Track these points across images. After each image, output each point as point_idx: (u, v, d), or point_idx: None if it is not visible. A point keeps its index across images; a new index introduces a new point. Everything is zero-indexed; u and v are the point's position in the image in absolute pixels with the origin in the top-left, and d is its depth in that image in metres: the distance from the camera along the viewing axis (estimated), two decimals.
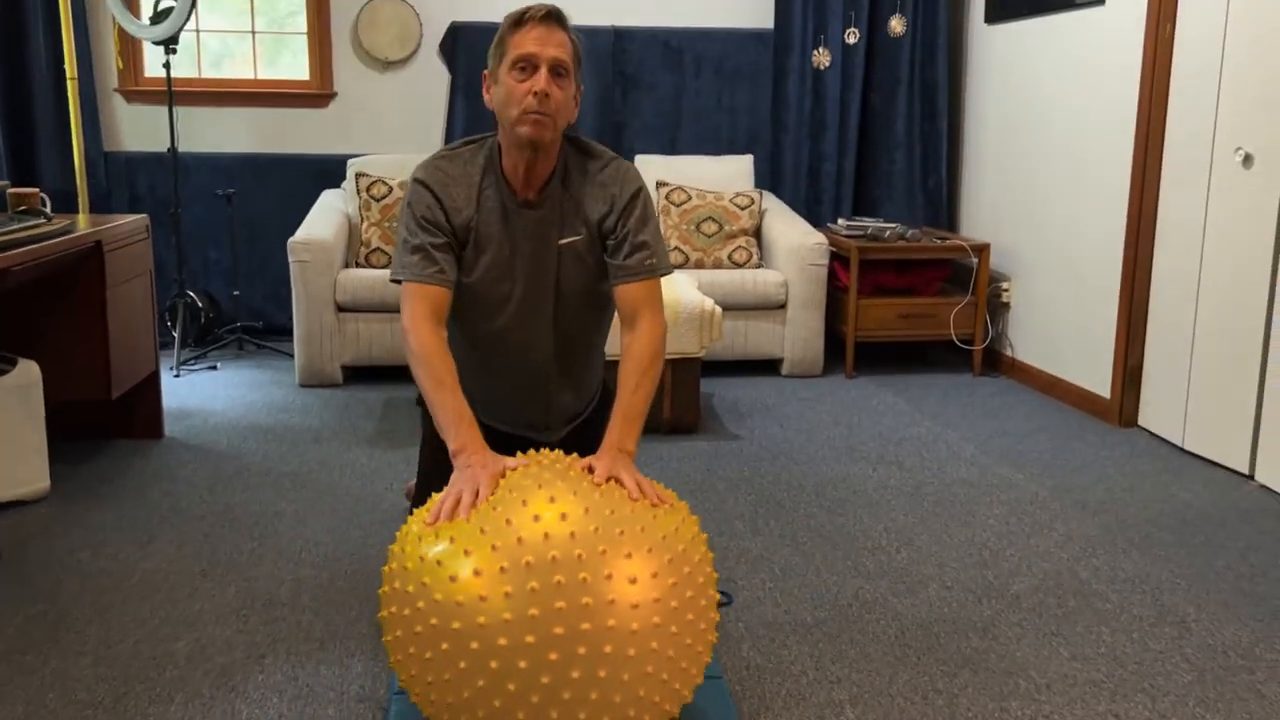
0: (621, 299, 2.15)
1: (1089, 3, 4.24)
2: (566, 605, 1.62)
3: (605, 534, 1.69)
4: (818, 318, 4.79)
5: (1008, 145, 4.94)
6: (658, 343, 2.11)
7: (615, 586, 1.64)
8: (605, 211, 2.17)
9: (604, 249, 2.19)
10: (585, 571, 1.63)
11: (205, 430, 3.94)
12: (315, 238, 4.49)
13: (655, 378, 2.08)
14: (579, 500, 1.73)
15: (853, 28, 5.32)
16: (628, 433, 2.00)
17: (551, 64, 2.02)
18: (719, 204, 5.01)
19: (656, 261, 2.17)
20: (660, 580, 1.68)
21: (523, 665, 1.61)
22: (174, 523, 3.06)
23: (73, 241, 3.14)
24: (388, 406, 4.28)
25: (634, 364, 2.07)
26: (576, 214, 2.18)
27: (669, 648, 1.69)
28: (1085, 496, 3.36)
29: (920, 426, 4.09)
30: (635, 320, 2.12)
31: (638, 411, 2.04)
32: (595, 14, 5.41)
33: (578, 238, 2.18)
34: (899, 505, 3.26)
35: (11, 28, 5.06)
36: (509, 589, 1.63)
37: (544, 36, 2.01)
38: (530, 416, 2.37)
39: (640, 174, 2.23)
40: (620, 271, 2.16)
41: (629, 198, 2.17)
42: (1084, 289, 4.34)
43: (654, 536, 1.72)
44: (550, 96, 2.01)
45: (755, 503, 3.26)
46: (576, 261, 2.20)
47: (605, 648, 1.63)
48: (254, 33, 5.42)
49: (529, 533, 1.67)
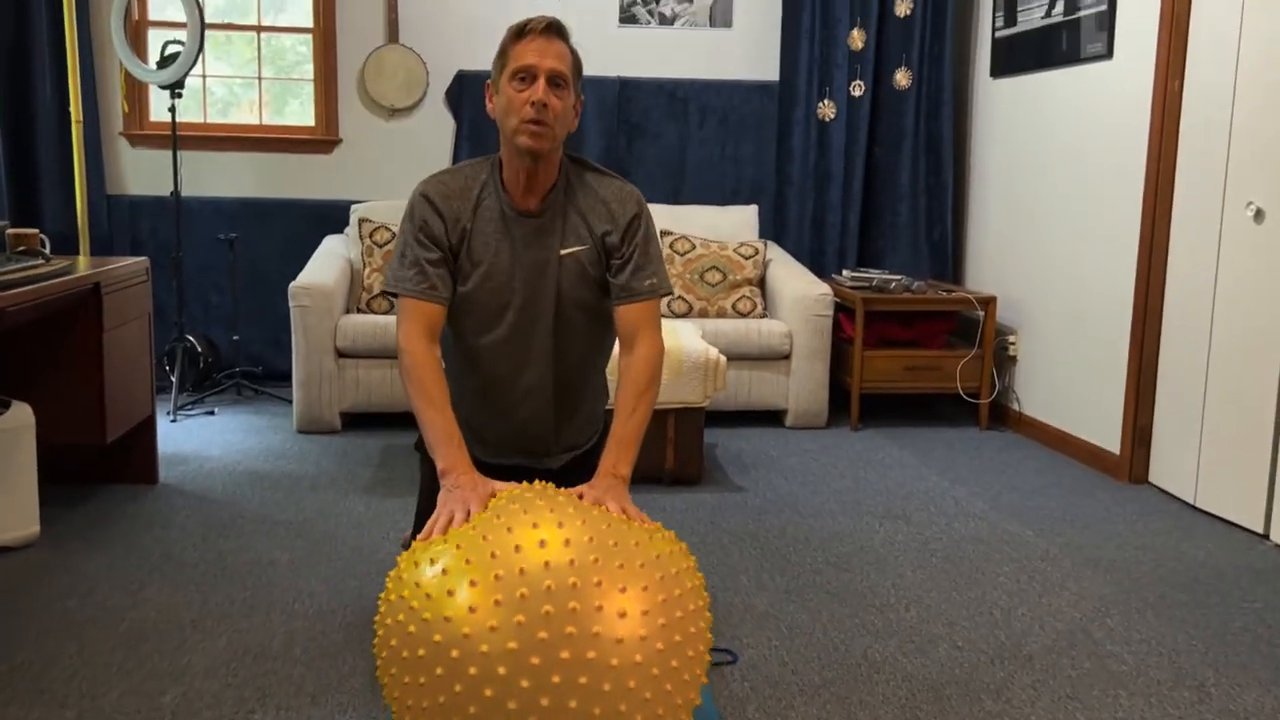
0: (622, 319, 2.17)
1: (1096, 57, 4.24)
2: (550, 635, 1.58)
3: (599, 565, 1.66)
4: (822, 369, 4.74)
5: (1013, 199, 4.92)
6: (655, 365, 2.14)
7: (606, 619, 1.61)
8: (608, 229, 2.19)
9: (606, 267, 2.20)
10: (577, 602, 1.61)
11: (200, 476, 3.88)
12: (316, 283, 4.46)
13: (652, 401, 2.12)
14: (567, 530, 1.70)
15: (858, 80, 5.33)
16: (622, 457, 2.03)
17: (550, 75, 2.05)
18: (723, 253, 4.98)
19: (657, 282, 2.19)
20: (651, 617, 1.65)
21: (522, 684, 1.58)
22: (165, 570, 2.99)
23: (70, 283, 3.10)
24: (386, 454, 4.22)
25: (631, 387, 2.10)
26: (580, 225, 2.19)
27: (664, 681, 1.65)
28: (1097, 554, 3.29)
29: (927, 481, 4.03)
30: (634, 341, 2.14)
31: (633, 436, 2.06)
32: (602, 64, 5.43)
33: (581, 248, 2.19)
34: (907, 561, 3.19)
35: (18, 70, 5.07)
36: (505, 619, 1.59)
37: (543, 48, 2.06)
38: (528, 441, 2.31)
39: (642, 195, 2.27)
40: (622, 292, 2.18)
41: (632, 217, 2.19)
42: (1092, 343, 4.30)
43: (648, 571, 1.69)
44: (548, 106, 2.05)
45: (760, 557, 3.19)
46: (579, 273, 2.19)
47: (604, 685, 1.59)
48: (260, 79, 5.43)
49: (526, 562, 1.64)
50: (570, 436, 2.35)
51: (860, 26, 5.29)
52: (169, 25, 5.27)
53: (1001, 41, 4.98)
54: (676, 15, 5.50)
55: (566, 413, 2.30)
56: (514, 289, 2.18)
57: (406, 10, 5.36)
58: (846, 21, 5.30)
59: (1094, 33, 4.25)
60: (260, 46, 5.39)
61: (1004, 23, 4.95)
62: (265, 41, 5.41)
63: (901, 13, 5.29)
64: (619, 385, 2.13)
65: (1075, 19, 4.37)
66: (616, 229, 2.18)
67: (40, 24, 5.02)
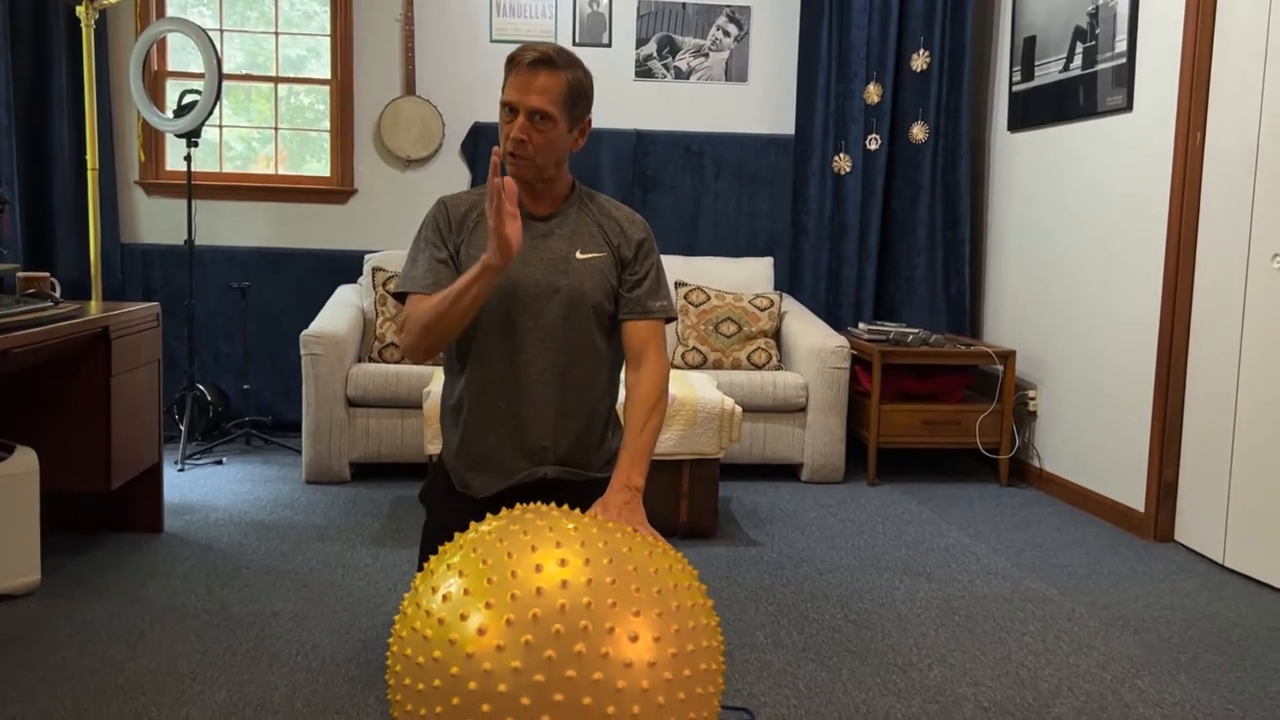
0: (631, 334, 2.23)
1: (1115, 110, 4.21)
2: (558, 654, 1.57)
3: (615, 587, 1.65)
4: (839, 422, 4.67)
5: (1032, 252, 4.88)
6: (663, 381, 2.19)
7: (617, 641, 1.60)
8: (621, 243, 2.26)
9: (619, 281, 2.26)
10: (589, 621, 1.60)
11: (206, 526, 3.81)
12: (328, 331, 4.42)
13: (662, 415, 2.16)
14: (589, 549, 1.70)
15: (874, 134, 5.32)
16: (636, 468, 2.06)
17: (529, 112, 2.11)
18: (738, 305, 4.94)
19: (668, 305, 2.27)
20: (663, 645, 1.63)
21: (522, 702, 1.57)
22: (166, 621, 2.91)
23: (78, 326, 3.06)
24: (395, 505, 4.14)
25: (641, 402, 2.14)
26: (597, 234, 2.26)
27: (669, 713, 1.62)
28: (1124, 613, 3.19)
29: (948, 537, 3.93)
30: (642, 358, 2.20)
31: (645, 448, 2.10)
32: (618, 117, 5.44)
33: (599, 254, 2.23)
34: (929, 619, 3.09)
35: (36, 116, 5.10)
36: (512, 639, 1.59)
37: (525, 84, 2.10)
38: (527, 443, 2.23)
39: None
40: (636, 306, 2.23)
41: (643, 239, 2.28)
42: (1114, 399, 4.22)
43: (665, 599, 1.68)
44: (527, 142, 2.11)
45: (777, 613, 3.10)
46: (600, 277, 2.23)
47: (608, 708, 1.57)
48: (276, 129, 5.45)
49: (545, 581, 1.64)
50: (569, 440, 2.26)
51: (876, 81, 5.29)
52: (187, 76, 5.30)
53: (1019, 95, 4.97)
54: (693, 69, 5.51)
55: (568, 413, 2.24)
56: (518, 283, 2.19)
57: (423, 62, 5.38)
58: (863, 76, 5.30)
59: (1113, 86, 4.23)
60: (277, 98, 5.42)
61: (1021, 77, 4.94)
62: (286, 99, 5.43)
63: (918, 67, 5.30)
64: (628, 400, 2.16)
65: (1094, 72, 4.35)
66: (629, 245, 2.26)
67: (60, 71, 5.06)
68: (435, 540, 2.29)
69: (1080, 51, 4.45)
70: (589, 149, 5.38)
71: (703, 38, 5.51)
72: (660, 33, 5.48)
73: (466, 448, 2.24)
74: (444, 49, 5.40)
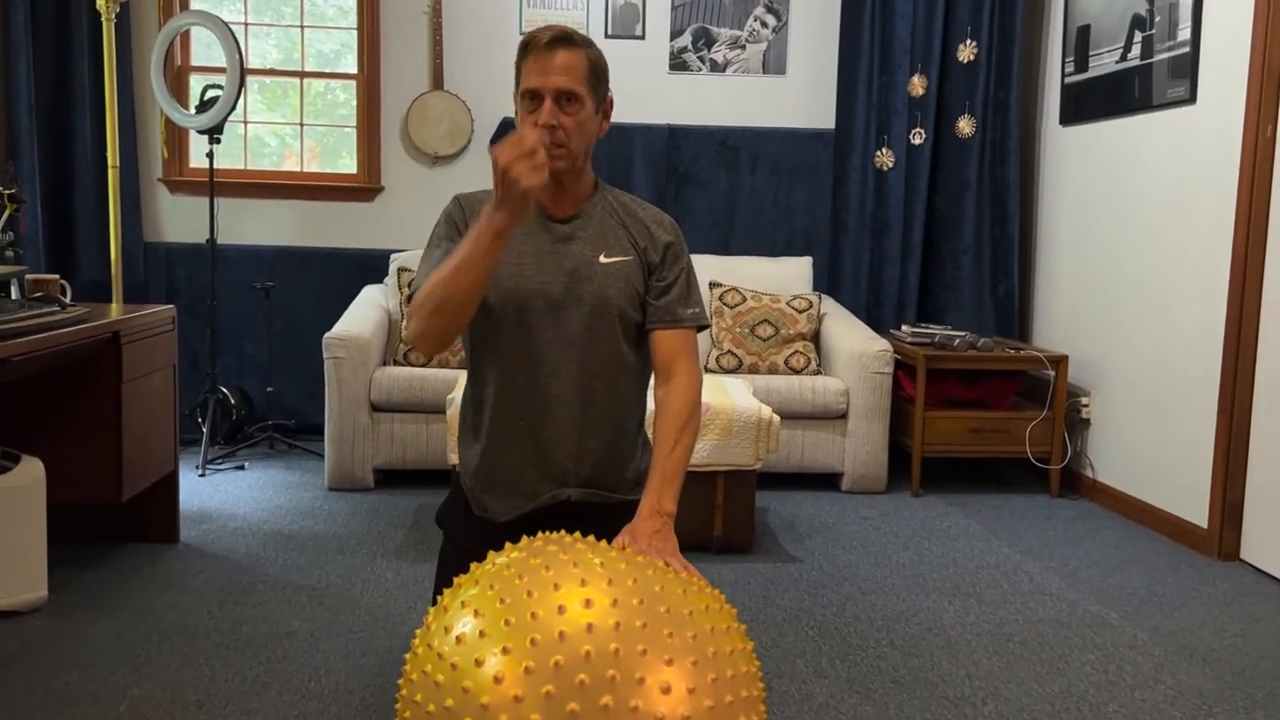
0: (661, 344, 2.06)
1: (1177, 102, 3.98)
2: (582, 708, 1.42)
3: (646, 631, 1.49)
4: (881, 430, 4.47)
5: (1086, 252, 4.65)
6: (695, 396, 2.01)
7: (647, 694, 1.44)
8: (648, 246, 2.08)
9: (645, 287, 2.08)
10: (616, 671, 1.44)
11: (224, 536, 3.68)
12: (352, 334, 4.28)
13: (694, 433, 1.99)
14: (617, 589, 1.53)
15: (918, 128, 5.10)
16: (667, 492, 1.90)
17: (555, 94, 1.95)
18: (775, 306, 4.75)
19: (700, 312, 2.10)
20: (698, 697, 1.47)
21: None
22: (175, 641, 2.77)
23: (87, 331, 2.93)
24: (419, 513, 4.00)
25: (672, 419, 1.97)
26: (622, 237, 2.08)
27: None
28: (1191, 641, 2.98)
29: (998, 554, 3.73)
30: (673, 369, 2.03)
31: (677, 469, 1.94)
32: (651, 111, 5.26)
33: (625, 259, 2.05)
34: (980, 646, 2.89)
35: (58, 113, 4.99)
36: (532, 689, 1.43)
37: (546, 66, 1.95)
38: (549, 462, 2.06)
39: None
40: (665, 314, 2.06)
41: (671, 242, 2.10)
42: (1175, 407, 3.99)
43: (701, 645, 1.51)
44: (559, 126, 1.95)
45: (818, 638, 2.92)
46: (625, 283, 2.04)
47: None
48: (301, 124, 5.32)
49: (568, 625, 1.48)
50: (594, 459, 2.08)
51: (921, 73, 5.08)
52: (211, 70, 5.18)
53: (1072, 87, 4.74)
54: (729, 62, 5.32)
55: (592, 430, 2.05)
56: (537, 291, 2.01)
57: (451, 57, 5.23)
58: (906, 68, 5.09)
59: (1175, 76, 4.00)
60: (303, 94, 5.29)
61: (1075, 68, 4.71)
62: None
63: (965, 58, 5.08)
64: (657, 417, 1.98)
65: (1153, 62, 4.12)
66: (656, 249, 2.08)
67: (81, 67, 4.95)
68: (452, 568, 2.12)
69: (1139, 40, 4.22)
70: (621, 144, 5.21)
71: (740, 29, 5.32)
72: (695, 24, 5.30)
73: (484, 468, 2.08)
74: (473, 42, 5.24)
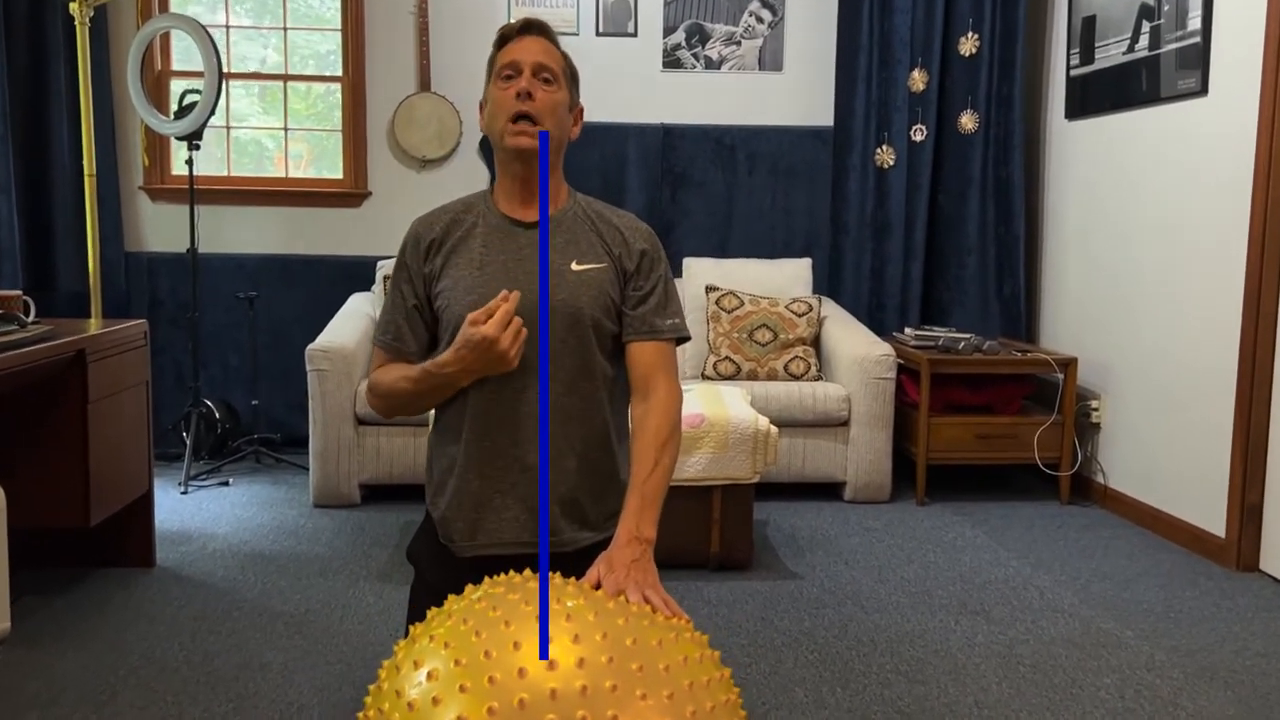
0: (637, 358, 1.91)
1: (1188, 94, 3.83)
2: None
3: (613, 666, 1.35)
4: (884, 437, 4.32)
5: (1094, 250, 4.50)
6: (676, 413, 1.87)
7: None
8: (623, 253, 1.95)
9: (622, 297, 1.94)
10: (586, 711, 1.30)
11: (202, 559, 3.55)
12: (335, 345, 4.15)
13: (675, 452, 1.85)
14: (582, 641, 1.38)
15: (919, 124, 4.96)
16: (646, 517, 1.75)
17: (534, 66, 1.87)
18: (774, 310, 4.60)
19: (679, 323, 1.95)
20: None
21: None
22: (143, 675, 2.64)
23: (48, 351, 2.80)
24: (405, 531, 3.86)
25: (651, 438, 1.82)
26: (596, 243, 1.94)
27: None
28: (1212, 661, 2.83)
29: (1006, 567, 3.58)
30: (651, 385, 1.89)
31: (656, 492, 1.79)
32: (645, 110, 5.12)
33: (599, 265, 1.91)
34: (990, 671, 2.75)
35: (34, 121, 4.86)
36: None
37: (526, 45, 1.90)
38: (526, 481, 1.90)
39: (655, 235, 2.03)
40: (642, 326, 1.91)
41: (645, 249, 1.96)
42: (1189, 410, 3.84)
43: (674, 677, 1.38)
44: (534, 97, 1.85)
45: (819, 664, 2.77)
46: (598, 292, 1.90)
47: None
48: (286, 129, 5.19)
49: (528, 662, 1.35)
50: (572, 481, 1.92)
51: (922, 67, 4.93)
52: (193, 75, 5.04)
53: (1077, 80, 4.59)
54: (724, 59, 5.18)
55: (568, 447, 1.89)
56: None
57: (439, 57, 5.09)
58: (906, 62, 4.94)
59: (1185, 67, 3.85)
60: (286, 96, 5.15)
61: (1080, 60, 4.56)
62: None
63: (967, 51, 4.93)
64: (635, 436, 1.84)
65: (1162, 54, 3.97)
66: (631, 256, 1.94)
67: (58, 71, 4.82)
68: (423, 602, 1.99)
69: (1147, 31, 4.07)
70: (614, 144, 5.06)
71: (734, 24, 5.17)
72: (689, 20, 5.15)
73: (454, 497, 1.94)
74: (460, 42, 5.10)
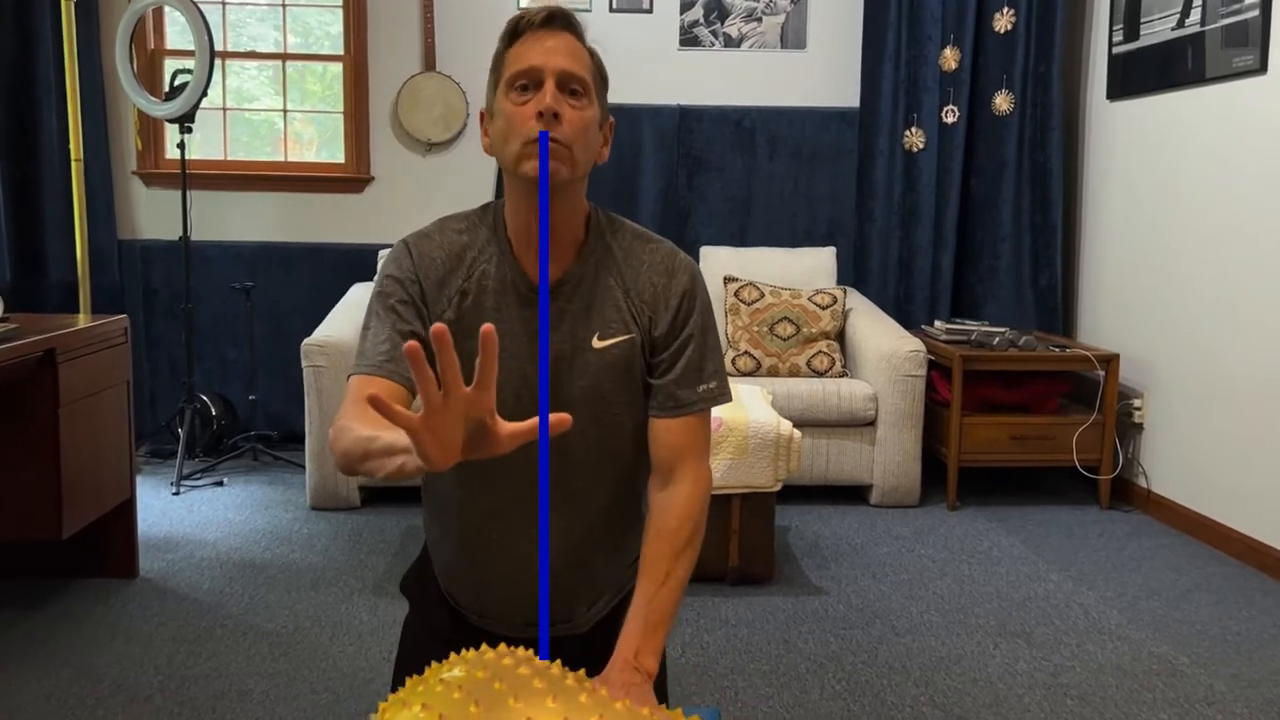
0: (660, 438, 1.51)
1: (1244, 72, 3.56)
2: None
3: None
4: (913, 438, 4.08)
5: (1137, 239, 4.23)
6: (700, 509, 1.49)
7: None
8: (655, 311, 1.51)
9: (647, 367, 1.53)
10: None
11: (188, 568, 3.34)
12: (333, 339, 3.93)
13: (694, 556, 1.47)
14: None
15: (951, 105, 4.69)
16: (647, 645, 1.40)
17: (559, 76, 1.40)
18: (796, 302, 4.36)
19: (716, 387, 1.52)
20: None
21: None
22: (110, 706, 2.43)
23: (12, 351, 2.58)
24: (406, 538, 3.65)
25: (666, 543, 1.45)
26: (621, 305, 1.51)
27: None
28: (1277, 694, 2.59)
29: (1046, 581, 3.34)
30: (674, 471, 1.49)
31: (663, 614, 1.43)
32: (660, 91, 4.87)
33: (625, 337, 1.50)
34: (1034, 701, 2.51)
35: (20, 103, 4.65)
36: None
37: (548, 45, 1.41)
38: (531, 593, 1.58)
39: (697, 268, 1.57)
40: (667, 401, 1.50)
41: (684, 292, 1.52)
42: (1239, 411, 3.59)
43: None
44: (561, 117, 1.39)
45: (847, 694, 2.54)
46: (623, 372, 1.50)
47: None
48: (285, 111, 4.96)
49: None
50: (600, 591, 1.65)
51: (954, 45, 4.66)
52: (188, 54, 4.81)
53: (1120, 58, 4.31)
54: (744, 36, 4.92)
55: (594, 569, 1.61)
56: (513, 387, 1.48)
57: (444, 35, 4.85)
58: (938, 39, 4.67)
59: (1240, 44, 3.57)
60: (285, 77, 4.93)
61: (1124, 37, 4.28)
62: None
63: (1001, 28, 4.65)
64: (647, 535, 1.48)
65: (1215, 29, 3.69)
66: (666, 309, 1.51)
67: (46, 52, 4.60)
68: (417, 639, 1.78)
69: (1198, 4, 3.79)
70: (629, 127, 4.81)
71: (755, 0, 4.91)
72: None
73: (454, 574, 1.65)
74: (466, 19, 4.85)
